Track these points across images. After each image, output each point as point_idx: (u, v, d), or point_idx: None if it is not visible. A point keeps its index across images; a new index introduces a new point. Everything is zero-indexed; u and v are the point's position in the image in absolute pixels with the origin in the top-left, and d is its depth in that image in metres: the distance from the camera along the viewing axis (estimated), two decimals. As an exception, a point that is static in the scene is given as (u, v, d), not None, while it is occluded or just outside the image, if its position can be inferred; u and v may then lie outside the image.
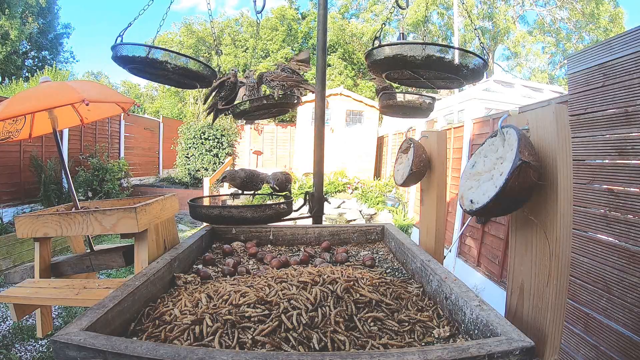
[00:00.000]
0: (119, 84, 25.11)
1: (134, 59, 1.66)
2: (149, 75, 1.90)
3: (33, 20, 17.43)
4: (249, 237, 1.79)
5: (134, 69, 1.77)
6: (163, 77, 1.88)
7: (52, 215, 1.53)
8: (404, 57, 1.46)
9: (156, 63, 1.68)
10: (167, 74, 1.77)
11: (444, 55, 1.44)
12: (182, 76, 1.83)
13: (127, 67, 1.76)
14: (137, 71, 1.82)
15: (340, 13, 21.64)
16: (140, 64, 1.69)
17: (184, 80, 1.91)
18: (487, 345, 0.73)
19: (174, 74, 1.76)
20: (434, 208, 1.75)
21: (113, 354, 0.71)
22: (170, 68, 1.71)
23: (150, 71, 1.80)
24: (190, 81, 1.93)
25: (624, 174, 1.77)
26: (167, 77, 1.85)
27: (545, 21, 20.50)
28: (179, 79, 1.90)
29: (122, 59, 1.69)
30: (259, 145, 14.03)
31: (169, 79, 1.92)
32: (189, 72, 1.80)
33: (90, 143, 8.83)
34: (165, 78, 1.88)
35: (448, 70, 1.48)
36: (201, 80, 1.92)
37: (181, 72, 1.76)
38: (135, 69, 1.78)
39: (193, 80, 1.91)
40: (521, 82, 7.93)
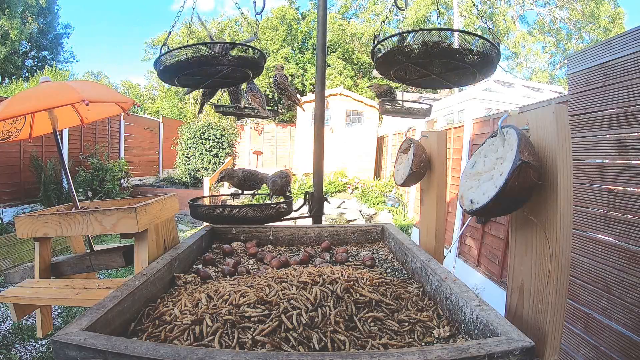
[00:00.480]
0: (119, 84, 25.13)
1: (186, 63, 1.51)
2: (197, 80, 1.78)
3: (33, 20, 17.43)
4: (249, 237, 1.79)
5: (186, 75, 1.64)
6: (212, 77, 1.75)
7: (52, 215, 1.53)
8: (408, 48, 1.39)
9: (211, 60, 1.52)
10: (219, 70, 1.63)
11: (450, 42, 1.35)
12: (237, 68, 1.66)
13: (178, 77, 1.64)
14: (187, 79, 1.70)
15: (340, 13, 21.64)
16: (191, 66, 1.54)
17: (236, 73, 1.77)
18: (487, 345, 0.73)
19: (229, 66, 1.60)
20: (434, 208, 1.75)
21: (113, 354, 0.71)
22: (226, 61, 1.54)
23: (201, 73, 1.67)
24: (243, 72, 1.76)
25: (624, 174, 1.77)
26: (218, 74, 1.72)
27: (545, 21, 20.50)
28: (231, 73, 1.75)
29: (172, 67, 1.55)
30: (259, 145, 14.03)
31: (220, 78, 1.78)
32: (244, 60, 1.62)
33: (90, 143, 8.83)
34: (216, 77, 1.76)
35: (456, 59, 1.39)
36: (255, 67, 1.75)
37: (237, 62, 1.59)
38: (186, 76, 1.66)
39: (247, 69, 1.74)
40: (521, 82, 7.93)
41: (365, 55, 18.16)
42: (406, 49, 1.43)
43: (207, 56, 1.53)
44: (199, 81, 1.85)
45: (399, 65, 1.58)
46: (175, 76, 1.67)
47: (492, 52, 1.42)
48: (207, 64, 1.56)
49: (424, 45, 1.39)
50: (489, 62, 1.44)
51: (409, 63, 1.57)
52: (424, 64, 1.58)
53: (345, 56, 18.00)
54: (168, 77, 1.70)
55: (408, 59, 1.48)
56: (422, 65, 1.60)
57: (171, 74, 1.64)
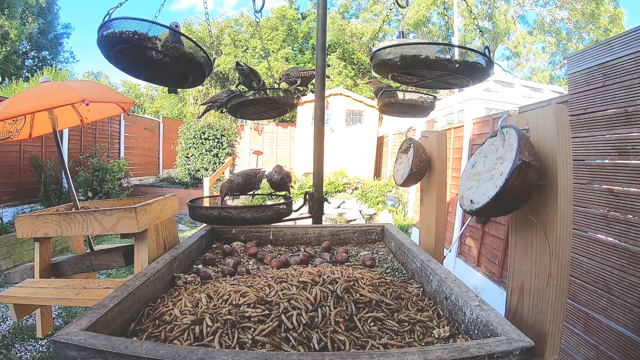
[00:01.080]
0: (119, 84, 25.13)
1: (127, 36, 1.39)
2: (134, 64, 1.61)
3: (33, 20, 17.43)
4: (249, 237, 1.79)
5: (120, 51, 1.50)
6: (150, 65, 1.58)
7: (52, 215, 1.53)
8: (408, 58, 1.42)
9: (150, 41, 1.42)
10: (159, 58, 1.50)
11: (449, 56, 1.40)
12: (178, 63, 1.55)
13: (113, 50, 1.49)
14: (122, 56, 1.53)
15: (340, 13, 21.63)
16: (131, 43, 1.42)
17: (176, 68, 1.62)
18: (487, 345, 0.73)
19: (169, 57, 1.49)
20: (434, 208, 1.75)
21: (113, 354, 0.71)
22: (163, 49, 1.44)
23: (139, 55, 1.52)
24: (182, 71, 1.63)
25: (624, 174, 1.77)
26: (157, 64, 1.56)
27: (545, 21, 20.50)
28: (169, 68, 1.60)
29: (113, 37, 1.42)
30: (259, 145, 14.03)
31: (157, 69, 1.62)
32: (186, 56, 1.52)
33: (90, 143, 8.83)
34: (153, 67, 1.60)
35: (453, 70, 1.43)
36: (197, 71, 1.63)
37: (178, 55, 1.49)
38: (122, 52, 1.50)
39: (187, 71, 1.62)
40: (521, 82, 7.93)
41: (365, 56, 18.16)
42: (389, 62, 1.46)
43: (141, 35, 1.42)
44: (134, 66, 1.65)
45: (392, 72, 1.61)
46: (111, 48, 1.51)
47: (478, 60, 1.46)
48: (145, 46, 1.45)
49: (402, 59, 1.42)
50: (485, 72, 1.48)
51: (398, 72, 1.60)
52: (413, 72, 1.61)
53: (345, 56, 18.01)
54: (105, 48, 1.52)
55: (395, 69, 1.52)
56: (411, 73, 1.63)
57: (109, 44, 1.48)
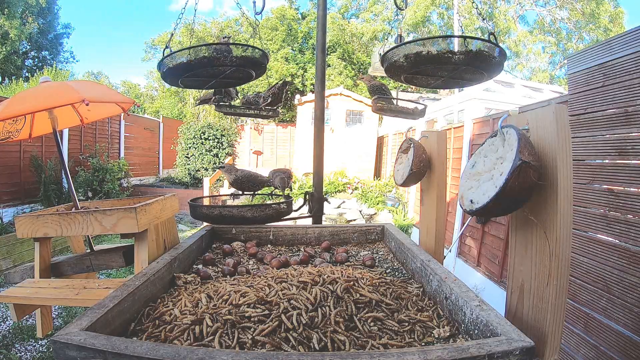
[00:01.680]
0: (119, 84, 25.12)
1: (189, 64, 1.52)
2: (202, 81, 1.77)
3: (33, 20, 17.43)
4: (249, 237, 1.79)
5: (190, 77, 1.64)
6: (216, 77, 1.75)
7: (52, 215, 1.53)
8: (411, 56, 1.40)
9: (213, 60, 1.53)
10: (222, 71, 1.64)
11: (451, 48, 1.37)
12: (240, 68, 1.67)
13: (182, 78, 1.63)
14: (190, 80, 1.70)
15: (340, 13, 21.63)
16: (195, 67, 1.54)
17: (239, 74, 1.76)
18: (487, 345, 0.73)
19: (232, 66, 1.60)
20: (434, 208, 1.75)
21: (113, 354, 0.71)
22: (228, 62, 1.55)
23: (205, 73, 1.67)
24: (246, 71, 1.76)
25: (624, 174, 1.77)
26: (222, 74, 1.72)
27: (545, 21, 20.50)
28: (234, 73, 1.74)
29: (176, 69, 1.54)
30: (259, 145, 14.03)
31: (224, 78, 1.77)
32: (247, 60, 1.62)
33: (90, 143, 8.84)
34: (219, 77, 1.75)
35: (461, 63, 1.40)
36: (258, 67, 1.73)
37: (239, 62, 1.60)
38: (190, 77, 1.65)
39: (250, 69, 1.74)
40: (521, 82, 7.93)
41: (365, 55, 18.16)
42: (396, 64, 1.46)
43: (210, 57, 1.52)
44: (202, 82, 1.84)
45: (403, 74, 1.60)
46: (178, 78, 1.67)
47: (491, 52, 1.41)
48: (210, 65, 1.56)
49: (407, 59, 1.41)
50: (486, 59, 1.42)
51: (408, 74, 1.59)
52: (424, 70, 1.59)
53: (345, 56, 18.00)
54: (172, 79, 1.69)
55: (404, 70, 1.51)
56: (423, 72, 1.61)
57: (175, 75, 1.64)
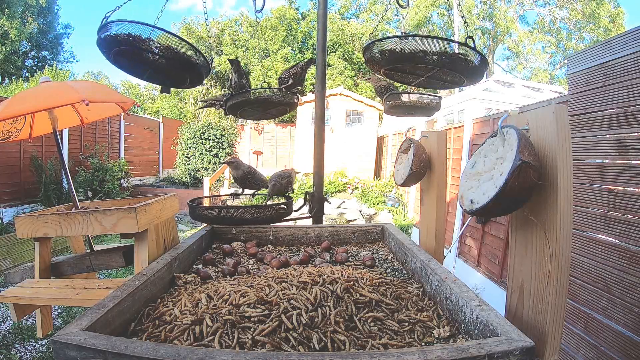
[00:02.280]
0: (119, 84, 25.14)
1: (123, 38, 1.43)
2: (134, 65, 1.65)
3: (33, 20, 17.43)
4: (249, 237, 1.79)
5: (119, 53, 1.54)
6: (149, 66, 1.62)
7: (52, 215, 1.53)
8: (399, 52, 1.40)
9: (144, 43, 1.45)
10: (155, 59, 1.55)
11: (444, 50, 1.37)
12: (174, 64, 1.58)
13: (113, 51, 1.53)
14: (122, 57, 1.57)
15: (340, 13, 21.65)
16: (129, 45, 1.46)
17: (174, 70, 1.66)
18: (487, 345, 0.73)
19: (165, 59, 1.53)
20: (434, 208, 1.75)
21: (113, 354, 0.71)
22: (159, 51, 1.47)
23: (137, 56, 1.56)
24: (180, 72, 1.67)
25: (624, 174, 1.77)
26: (155, 65, 1.60)
27: (545, 21, 20.50)
28: (166, 69, 1.64)
29: (109, 39, 1.45)
30: (259, 145, 14.04)
31: (155, 69, 1.65)
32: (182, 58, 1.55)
33: (90, 143, 8.84)
34: (152, 68, 1.63)
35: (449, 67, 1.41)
36: (192, 70, 1.64)
37: (174, 57, 1.53)
38: (120, 54, 1.54)
39: (185, 72, 1.65)
40: (521, 82, 7.93)
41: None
42: (373, 58, 1.47)
43: (136, 37, 1.44)
44: (134, 67, 1.69)
45: (383, 68, 1.60)
46: (109, 50, 1.54)
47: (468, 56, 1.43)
48: (138, 48, 1.47)
49: (382, 54, 1.42)
50: (479, 72, 1.46)
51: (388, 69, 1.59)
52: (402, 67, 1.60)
53: (345, 56, 18.01)
54: (104, 50, 1.56)
55: (380, 65, 1.52)
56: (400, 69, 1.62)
57: (107, 46, 1.52)
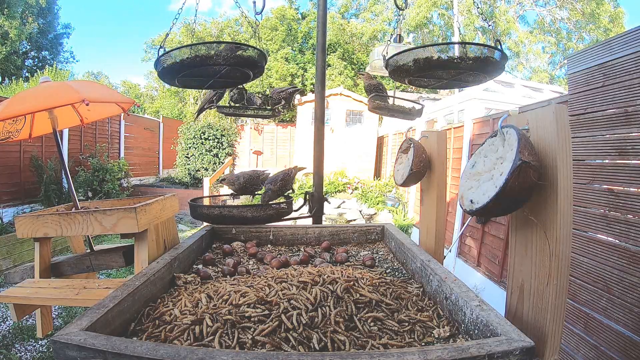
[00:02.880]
0: (119, 84, 25.13)
1: (183, 63, 1.51)
2: (198, 81, 1.78)
3: (33, 20, 17.43)
4: (249, 237, 1.79)
5: (185, 76, 1.64)
6: (212, 77, 1.75)
7: (52, 215, 1.53)
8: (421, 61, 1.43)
9: (208, 59, 1.51)
10: (218, 69, 1.64)
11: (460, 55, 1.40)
12: (236, 67, 1.65)
13: (177, 77, 1.64)
14: (187, 78, 1.71)
15: (340, 13, 21.64)
16: (190, 67, 1.54)
17: (236, 73, 1.76)
18: (487, 345, 0.73)
19: (227, 66, 1.59)
20: (434, 208, 1.75)
21: (113, 354, 0.71)
22: (222, 61, 1.53)
23: (200, 72, 1.66)
24: (243, 72, 1.76)
25: (624, 174, 1.77)
26: (218, 74, 1.72)
27: (545, 21, 20.50)
28: (231, 73, 1.74)
29: (171, 68, 1.55)
30: (259, 145, 14.03)
31: (220, 78, 1.77)
32: (244, 60, 1.60)
33: (90, 143, 8.83)
34: (216, 77, 1.75)
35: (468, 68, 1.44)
36: (255, 67, 1.73)
37: (234, 62, 1.57)
38: (186, 76, 1.65)
39: (247, 69, 1.73)
40: (521, 82, 7.93)
41: (365, 55, 18.17)
42: (404, 67, 1.47)
43: (205, 56, 1.51)
44: (199, 82, 1.84)
45: (408, 77, 1.61)
46: (175, 77, 1.67)
47: (493, 55, 1.44)
48: (205, 64, 1.55)
49: (416, 63, 1.43)
50: (492, 64, 1.47)
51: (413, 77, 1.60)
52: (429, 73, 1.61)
53: (345, 56, 18.02)
54: (168, 78, 1.69)
55: (410, 73, 1.52)
56: (428, 75, 1.63)
57: (171, 74, 1.64)
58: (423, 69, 1.48)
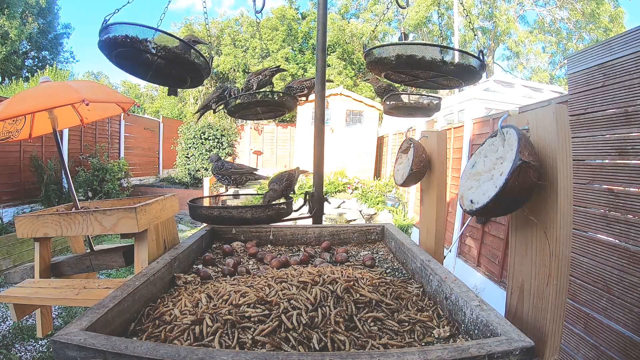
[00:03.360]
0: (119, 84, 25.15)
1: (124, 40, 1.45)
2: (136, 66, 1.69)
3: (33, 20, 17.44)
4: (249, 237, 1.79)
5: (121, 54, 1.56)
6: (148, 66, 1.65)
7: (52, 215, 1.53)
8: (404, 57, 1.43)
9: (142, 44, 1.46)
10: (154, 60, 1.57)
11: (441, 57, 1.42)
12: (173, 64, 1.59)
13: (114, 53, 1.56)
14: (123, 58, 1.61)
15: (340, 13, 21.64)
16: (129, 46, 1.48)
17: (170, 70, 1.69)
18: (487, 345, 0.73)
19: (165, 59, 1.56)
20: (434, 208, 1.75)
21: (113, 354, 0.71)
22: (160, 52, 1.49)
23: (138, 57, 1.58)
24: (180, 72, 1.70)
25: (624, 174, 1.77)
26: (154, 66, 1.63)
27: (545, 21, 20.50)
28: (167, 69, 1.67)
29: (110, 42, 1.48)
30: (259, 145, 14.04)
31: (156, 70, 1.68)
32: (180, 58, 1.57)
33: (90, 143, 8.83)
34: (151, 68, 1.65)
35: (447, 72, 1.46)
36: (193, 72, 1.67)
37: (173, 57, 1.55)
38: (123, 55, 1.57)
39: (185, 72, 1.67)
40: (521, 82, 7.93)
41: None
42: (384, 61, 1.47)
43: (138, 39, 1.45)
44: (136, 68, 1.72)
45: (385, 71, 1.61)
46: (110, 53, 1.57)
47: (471, 63, 1.47)
48: (139, 48, 1.49)
49: (398, 58, 1.44)
50: (477, 75, 1.49)
51: (392, 71, 1.60)
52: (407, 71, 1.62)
53: (345, 56, 18.02)
54: (105, 51, 1.58)
55: (390, 67, 1.52)
56: (405, 72, 1.64)
57: (107, 48, 1.54)
58: (404, 66, 1.50)
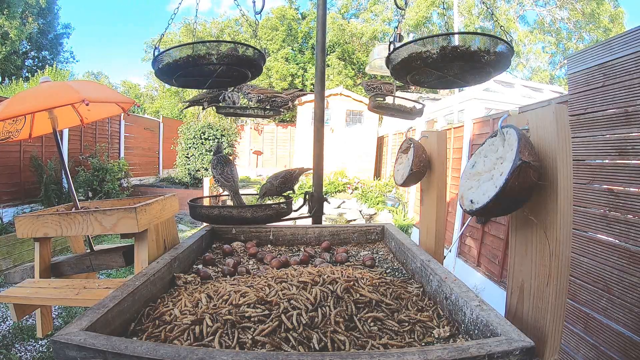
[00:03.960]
0: (119, 84, 25.14)
1: (177, 63, 1.50)
2: (196, 81, 1.77)
3: (33, 20, 17.43)
4: (249, 237, 1.79)
5: (181, 76, 1.63)
6: (210, 76, 1.72)
7: (52, 215, 1.53)
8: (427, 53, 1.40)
9: (203, 59, 1.50)
10: (214, 69, 1.62)
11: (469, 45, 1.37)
12: (233, 67, 1.64)
13: (175, 76, 1.63)
14: (184, 78, 1.69)
15: (340, 13, 21.64)
16: (185, 66, 1.53)
17: (233, 72, 1.73)
18: (487, 345, 0.73)
19: (222, 65, 1.58)
20: (434, 208, 1.75)
21: (113, 354, 0.71)
22: (218, 60, 1.52)
23: (197, 72, 1.64)
24: (241, 71, 1.73)
25: (624, 174, 1.77)
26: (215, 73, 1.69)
27: (545, 21, 20.50)
28: (228, 72, 1.72)
29: (166, 68, 1.54)
30: (259, 145, 14.05)
31: (217, 77, 1.75)
32: (239, 59, 1.59)
33: (90, 143, 8.83)
34: (213, 76, 1.73)
35: (487, 63, 1.40)
36: (254, 67, 1.72)
37: (231, 61, 1.57)
38: (182, 75, 1.64)
39: (245, 69, 1.71)
40: (521, 82, 7.92)
41: (365, 55, 18.16)
42: (424, 54, 1.44)
43: (199, 56, 1.49)
44: (197, 81, 1.82)
45: (417, 70, 1.59)
46: (172, 76, 1.65)
47: (507, 50, 1.43)
48: (201, 64, 1.53)
49: (442, 50, 1.40)
50: (505, 59, 1.45)
51: (427, 68, 1.57)
52: (442, 67, 1.59)
53: (344, 56, 18.02)
54: (166, 78, 1.68)
55: (426, 64, 1.49)
56: (439, 68, 1.61)
57: (168, 74, 1.62)
58: (441, 60, 1.44)
